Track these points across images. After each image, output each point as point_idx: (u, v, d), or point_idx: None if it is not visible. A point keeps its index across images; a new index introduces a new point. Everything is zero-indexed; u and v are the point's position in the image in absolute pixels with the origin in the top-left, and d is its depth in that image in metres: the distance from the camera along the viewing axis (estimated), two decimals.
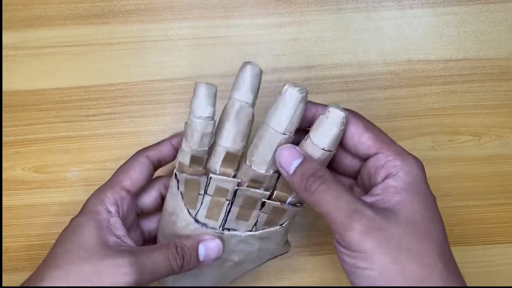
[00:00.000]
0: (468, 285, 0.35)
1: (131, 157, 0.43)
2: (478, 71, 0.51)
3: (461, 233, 0.49)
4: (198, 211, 0.41)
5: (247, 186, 0.40)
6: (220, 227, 0.42)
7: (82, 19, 0.51)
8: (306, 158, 0.37)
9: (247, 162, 0.39)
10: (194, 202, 0.41)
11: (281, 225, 0.42)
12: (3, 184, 0.50)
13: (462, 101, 0.50)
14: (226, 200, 0.41)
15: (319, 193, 0.35)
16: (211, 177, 0.40)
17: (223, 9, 0.51)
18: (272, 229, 0.42)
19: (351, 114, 0.38)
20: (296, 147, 0.37)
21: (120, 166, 0.43)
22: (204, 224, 0.41)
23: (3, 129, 0.50)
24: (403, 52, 0.51)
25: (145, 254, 0.38)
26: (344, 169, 0.41)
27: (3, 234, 0.49)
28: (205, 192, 0.41)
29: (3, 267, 0.49)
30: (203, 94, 0.37)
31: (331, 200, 0.34)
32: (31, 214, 0.50)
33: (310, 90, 0.50)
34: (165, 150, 0.43)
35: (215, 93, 0.38)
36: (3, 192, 0.49)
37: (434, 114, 0.50)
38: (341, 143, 0.38)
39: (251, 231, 0.42)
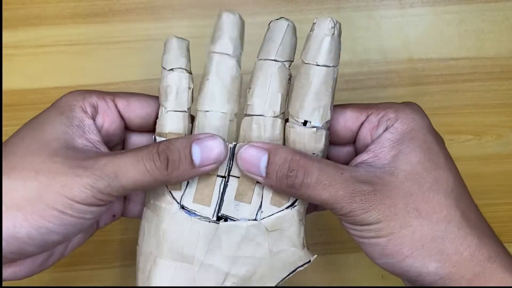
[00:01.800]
0: None
1: (139, 93, 0.37)
2: (478, 70, 0.50)
3: None
4: (184, 193, 0.33)
5: None
6: (213, 214, 0.33)
7: (81, 18, 0.51)
8: (271, 151, 0.32)
9: (246, 111, 0.34)
10: None
11: (293, 204, 0.33)
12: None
13: (463, 100, 0.50)
14: (219, 176, 0.33)
15: (307, 188, 0.31)
16: None
17: (223, 8, 0.51)
18: (282, 212, 0.33)
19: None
20: (255, 144, 0.32)
21: (125, 92, 0.36)
22: (192, 212, 0.33)
23: (2, 128, 0.50)
24: (404, 50, 0.51)
25: (111, 157, 0.30)
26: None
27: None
28: None
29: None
30: (175, 46, 0.35)
31: (324, 190, 0.30)
32: None
33: None
34: (144, 106, 0.37)
35: (188, 46, 0.35)
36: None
37: (434, 113, 0.50)
38: (331, 135, 0.35)
39: (255, 220, 0.33)
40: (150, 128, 0.36)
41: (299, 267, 0.34)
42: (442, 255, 0.30)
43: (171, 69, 0.34)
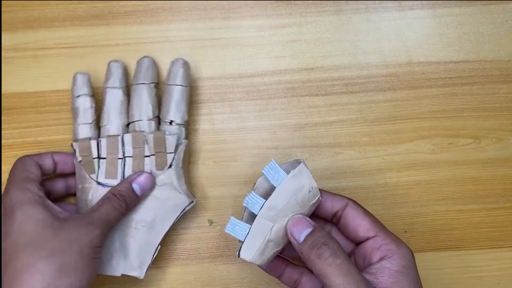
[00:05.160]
0: None
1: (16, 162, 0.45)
2: (478, 73, 0.50)
3: (461, 237, 0.49)
4: (97, 174, 0.46)
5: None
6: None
7: (81, 20, 0.51)
8: (316, 228, 0.39)
9: (129, 120, 0.48)
10: (92, 166, 0.46)
11: (170, 165, 0.47)
12: (2, 187, 0.49)
13: (462, 104, 0.50)
14: (119, 159, 0.46)
15: (330, 265, 0.36)
16: (100, 140, 0.46)
17: (223, 10, 0.51)
18: (165, 172, 0.46)
19: (352, 202, 0.41)
20: (307, 218, 0.40)
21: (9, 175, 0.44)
22: (106, 185, 0.46)
23: (2, 132, 0.50)
24: (403, 54, 0.51)
25: (97, 212, 0.42)
26: None
27: None
28: (99, 155, 0.47)
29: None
30: (79, 79, 0.47)
31: (340, 276, 0.36)
32: None
33: (309, 92, 0.50)
34: (47, 161, 0.46)
35: (89, 77, 0.48)
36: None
37: (434, 116, 0.50)
38: (344, 226, 0.42)
39: None
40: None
41: (186, 207, 0.46)
42: None
43: (78, 96, 0.47)
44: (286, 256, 0.44)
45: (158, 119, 0.48)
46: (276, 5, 0.51)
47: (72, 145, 0.46)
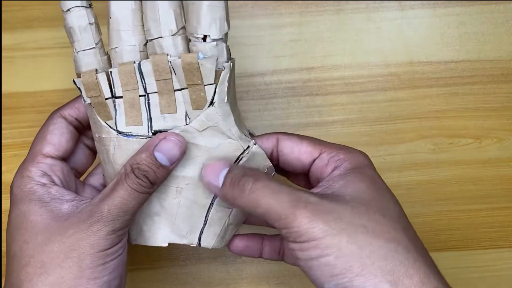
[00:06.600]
0: None
1: (45, 121, 0.38)
2: (479, 72, 0.50)
3: (462, 237, 0.49)
4: (115, 120, 0.36)
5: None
6: (149, 130, 0.36)
7: None
8: (233, 166, 0.35)
9: (146, 37, 0.35)
10: (106, 110, 0.36)
11: (211, 103, 0.35)
12: (2, 187, 0.49)
13: (463, 103, 0.50)
14: (140, 96, 0.35)
15: (256, 192, 0.32)
16: (111, 71, 0.35)
17: None
18: (205, 112, 0.35)
19: (281, 134, 0.37)
20: (220, 162, 0.35)
21: (36, 135, 0.38)
22: (129, 134, 0.36)
23: (2, 132, 0.50)
24: (404, 53, 0.50)
25: (108, 200, 0.33)
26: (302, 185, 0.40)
27: (1, 238, 0.49)
28: (113, 94, 0.35)
29: (2, 272, 0.49)
30: None
31: (271, 195, 0.31)
32: None
33: (310, 92, 0.50)
34: (82, 107, 0.38)
35: None
36: (2, 195, 0.49)
37: (434, 116, 0.50)
38: (285, 162, 0.37)
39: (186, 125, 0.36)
40: None
41: (241, 155, 0.36)
42: (393, 275, 0.29)
43: (68, 10, 0.35)
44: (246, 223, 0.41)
45: (185, 33, 0.35)
46: (276, 4, 0.51)
47: (74, 82, 0.36)
